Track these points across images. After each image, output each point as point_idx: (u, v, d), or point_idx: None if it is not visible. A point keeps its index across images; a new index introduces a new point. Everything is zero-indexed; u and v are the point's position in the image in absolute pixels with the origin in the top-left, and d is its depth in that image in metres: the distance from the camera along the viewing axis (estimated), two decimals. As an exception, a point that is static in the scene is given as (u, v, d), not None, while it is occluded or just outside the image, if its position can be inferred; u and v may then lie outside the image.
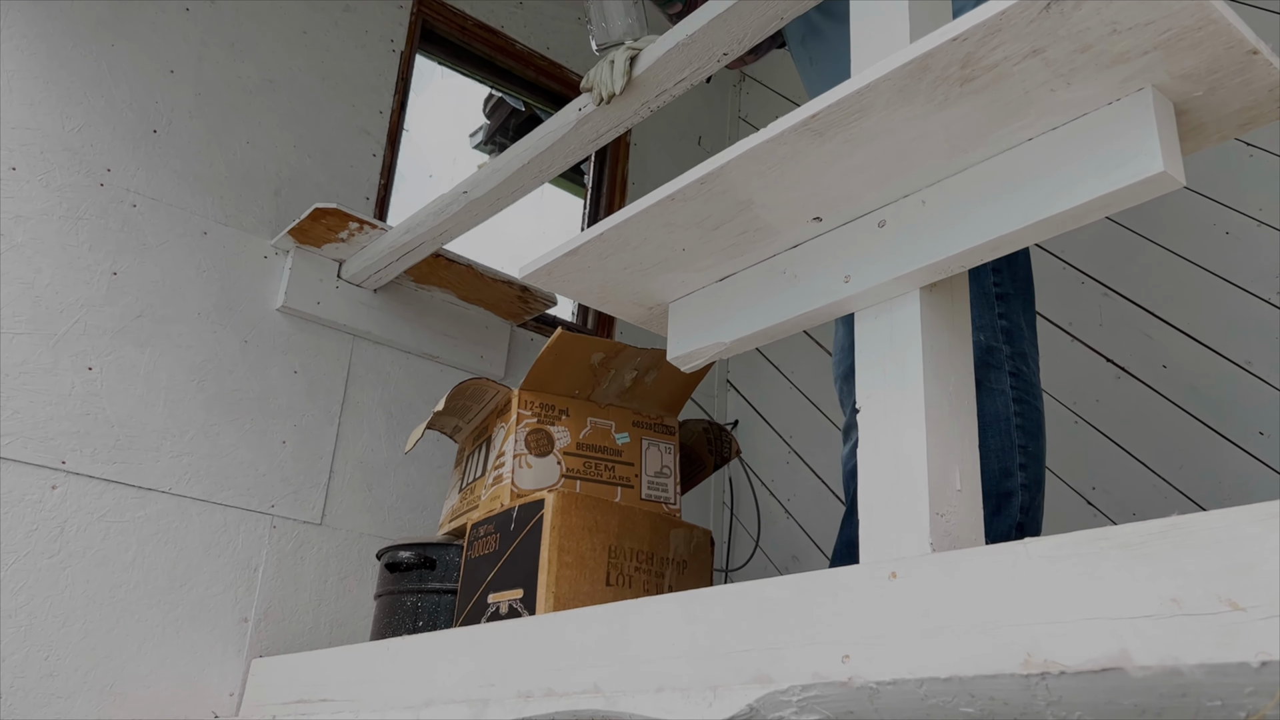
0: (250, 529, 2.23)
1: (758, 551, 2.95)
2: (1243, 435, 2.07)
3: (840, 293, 1.16)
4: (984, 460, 1.45)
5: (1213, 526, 0.75)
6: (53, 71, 2.19)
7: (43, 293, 2.07)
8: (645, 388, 1.88)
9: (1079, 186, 0.95)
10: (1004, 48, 0.90)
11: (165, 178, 2.30)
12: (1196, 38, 0.87)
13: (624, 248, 1.28)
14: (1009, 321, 1.54)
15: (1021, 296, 1.58)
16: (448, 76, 3.14)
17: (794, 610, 0.99)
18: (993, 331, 1.51)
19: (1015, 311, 1.56)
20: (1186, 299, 2.24)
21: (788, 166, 1.09)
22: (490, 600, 1.64)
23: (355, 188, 2.62)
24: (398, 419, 2.54)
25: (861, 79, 0.97)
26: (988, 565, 0.86)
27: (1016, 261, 1.59)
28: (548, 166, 1.98)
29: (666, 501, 1.85)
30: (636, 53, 1.69)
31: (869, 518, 1.07)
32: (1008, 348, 1.53)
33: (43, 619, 1.93)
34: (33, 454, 1.98)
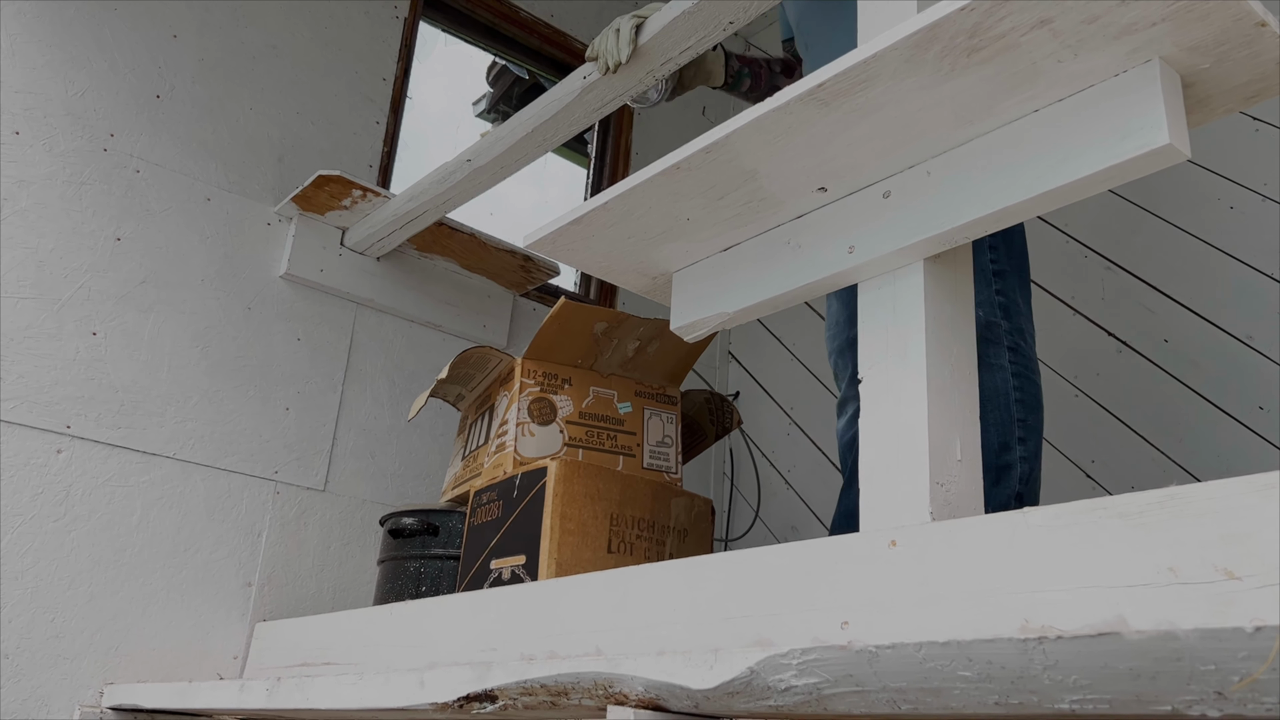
0: (254, 494, 2.24)
1: (757, 522, 2.97)
2: (1243, 410, 2.07)
3: (844, 263, 1.17)
4: (984, 434, 1.46)
5: (1210, 496, 0.75)
6: (56, 35, 2.18)
7: (46, 258, 2.07)
8: (648, 358, 1.88)
9: (1085, 158, 0.95)
10: (1011, 18, 0.90)
11: (168, 143, 2.29)
12: (1204, 9, 0.86)
13: (628, 217, 1.28)
14: (1006, 298, 1.56)
15: (1018, 273, 1.60)
16: (451, 44, 3.12)
17: (794, 577, 1.00)
18: (991, 307, 1.52)
19: (1012, 288, 1.57)
20: (1189, 273, 2.24)
21: (793, 136, 1.09)
22: (493, 566, 1.66)
23: (358, 155, 2.62)
24: (400, 387, 2.55)
25: (868, 48, 0.96)
26: (987, 534, 0.87)
27: (1012, 238, 1.60)
28: (552, 135, 1.98)
29: (668, 471, 1.86)
30: (642, 20, 1.69)
31: (869, 486, 1.08)
32: (1006, 323, 1.54)
33: (49, 582, 1.95)
34: (38, 418, 1.99)
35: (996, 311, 1.54)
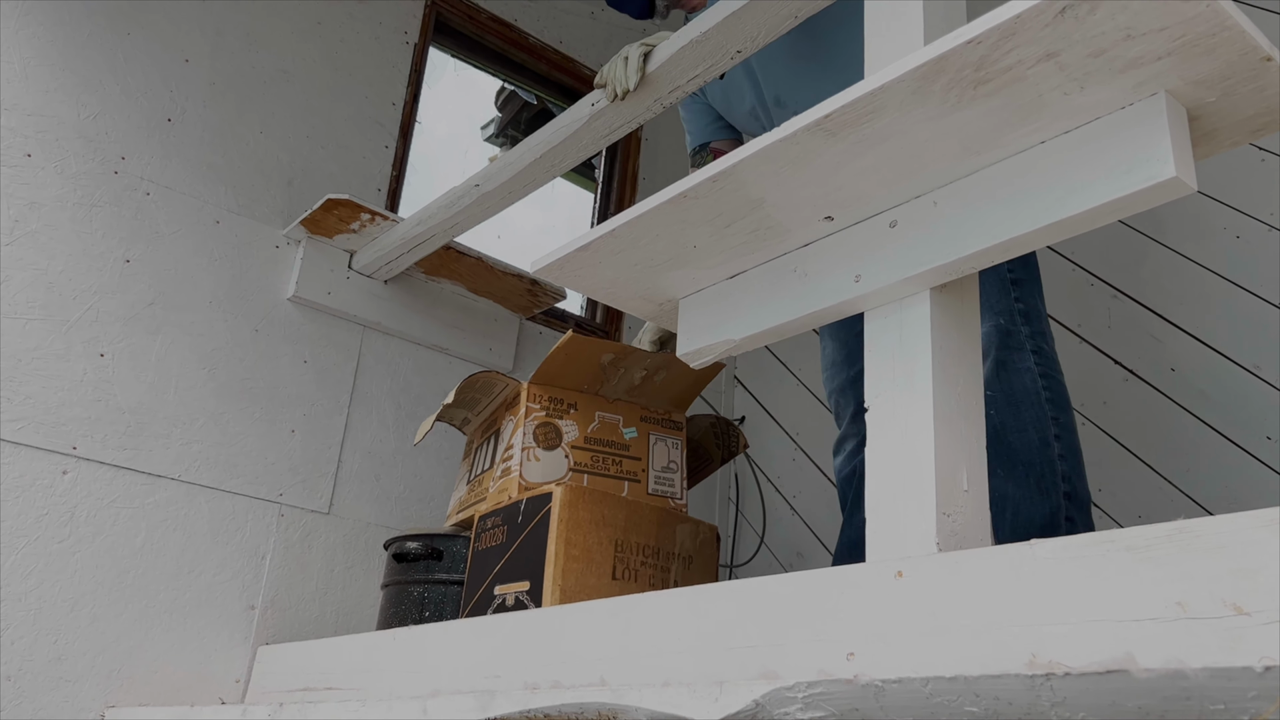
0: (258, 517, 2.24)
1: (763, 548, 2.96)
2: (1250, 440, 2.07)
3: (850, 292, 1.17)
4: (1022, 434, 1.48)
5: (1218, 531, 0.75)
6: (69, 59, 2.20)
7: (56, 279, 2.08)
8: (654, 385, 1.89)
9: (1091, 190, 0.95)
10: (1018, 51, 0.90)
11: (179, 166, 2.31)
12: (1211, 44, 0.87)
13: (635, 244, 1.29)
14: (1025, 304, 1.59)
15: (1033, 281, 1.64)
16: (461, 69, 3.14)
17: (800, 607, 1.00)
18: (1010, 315, 1.55)
19: (1030, 295, 1.60)
20: (1196, 302, 2.24)
21: (800, 166, 1.09)
22: (497, 592, 1.65)
23: (367, 179, 2.63)
24: (406, 410, 2.55)
25: (875, 80, 0.97)
26: (993, 566, 0.87)
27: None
28: (560, 161, 1.99)
29: (673, 496, 1.85)
30: (650, 49, 1.70)
31: (875, 516, 1.08)
32: (1026, 328, 1.57)
33: (52, 603, 1.94)
34: (45, 439, 2.00)
35: (1017, 319, 1.57)
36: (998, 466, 1.48)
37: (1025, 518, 1.46)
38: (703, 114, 2.18)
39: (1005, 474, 1.48)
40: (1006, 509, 1.47)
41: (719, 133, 2.16)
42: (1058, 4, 0.85)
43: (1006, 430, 1.49)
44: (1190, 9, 0.84)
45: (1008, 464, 1.49)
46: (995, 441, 1.48)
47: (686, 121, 2.22)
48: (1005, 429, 1.50)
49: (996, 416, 1.50)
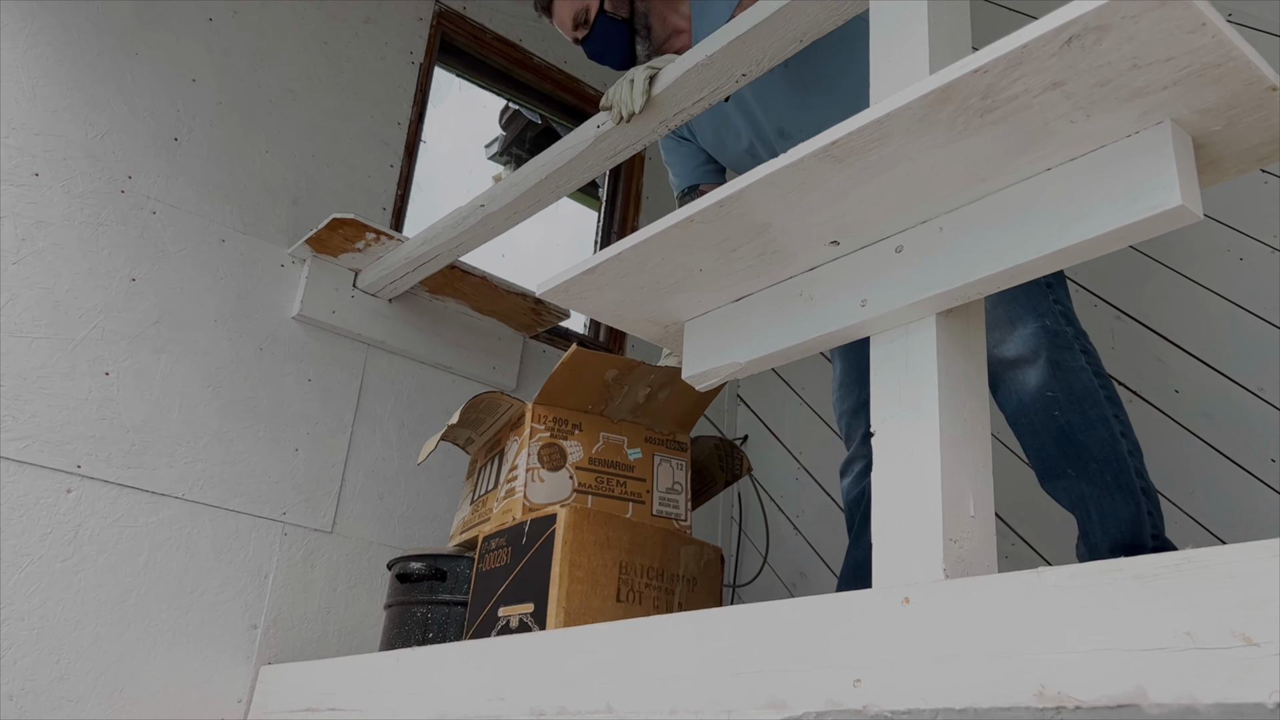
0: (261, 536, 2.24)
1: (766, 567, 2.95)
2: (1255, 462, 2.06)
3: (856, 316, 1.17)
4: (1091, 431, 1.47)
5: (1226, 560, 0.75)
6: (77, 79, 2.22)
7: (62, 298, 2.09)
8: (658, 404, 1.89)
9: (1097, 217, 0.95)
10: (1024, 80, 0.91)
11: (185, 185, 2.32)
12: (1216, 74, 0.87)
13: (642, 267, 1.29)
14: (1062, 305, 1.59)
15: (1064, 284, 1.65)
16: (465, 88, 3.16)
17: (806, 633, 1.00)
18: (1054, 316, 1.55)
19: (1064, 297, 1.60)
20: (1199, 324, 2.24)
21: (806, 191, 1.10)
22: (501, 614, 1.65)
23: (372, 198, 2.64)
24: (410, 428, 2.55)
25: (882, 108, 0.97)
26: (1001, 593, 0.87)
27: None
28: (565, 182, 1.99)
29: (677, 518, 1.85)
30: (656, 72, 1.71)
31: (882, 541, 1.08)
32: (1070, 329, 1.57)
33: (55, 622, 1.94)
34: (49, 458, 2.00)
35: (1060, 319, 1.57)
36: (1068, 467, 1.48)
37: (1112, 516, 1.45)
38: (691, 157, 2.17)
39: (1077, 474, 1.47)
40: (1090, 509, 1.46)
41: (708, 175, 2.15)
42: (1064, 34, 0.86)
43: (1075, 429, 1.48)
44: (1196, 40, 0.84)
45: (1079, 463, 1.47)
46: (1065, 441, 1.48)
47: (672, 165, 2.21)
48: (1073, 428, 1.48)
49: (1062, 417, 1.49)
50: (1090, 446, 1.48)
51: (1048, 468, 1.51)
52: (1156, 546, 1.46)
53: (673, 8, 2.02)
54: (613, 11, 1.98)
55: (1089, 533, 1.47)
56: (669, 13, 2.01)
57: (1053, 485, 1.52)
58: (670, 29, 2.00)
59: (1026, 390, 1.53)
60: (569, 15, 2.02)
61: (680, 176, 2.19)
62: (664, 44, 2.01)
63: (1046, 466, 1.51)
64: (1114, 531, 1.45)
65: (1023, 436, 1.55)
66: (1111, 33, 0.85)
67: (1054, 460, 1.50)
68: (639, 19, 1.99)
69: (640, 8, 2.00)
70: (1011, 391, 1.55)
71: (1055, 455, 1.50)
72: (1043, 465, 1.52)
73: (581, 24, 2.01)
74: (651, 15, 2.00)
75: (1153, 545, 1.46)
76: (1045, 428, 1.50)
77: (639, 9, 2.00)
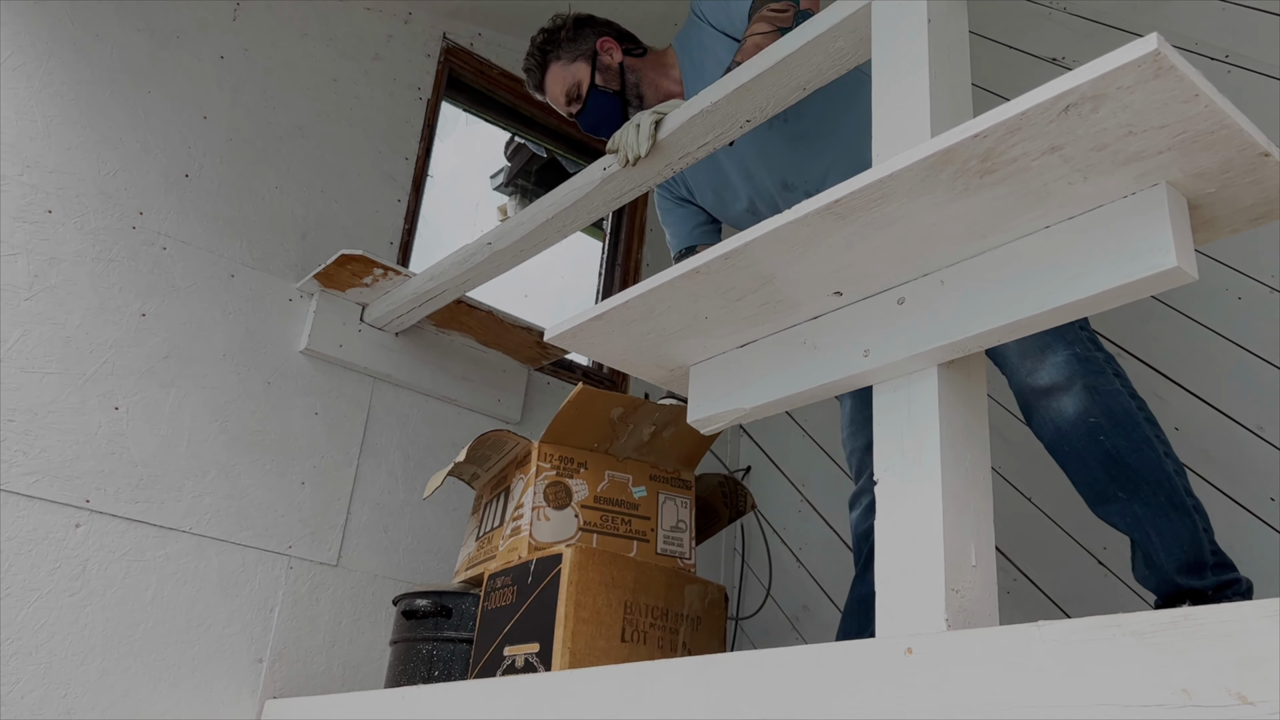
0: (267, 569, 2.25)
1: (769, 600, 2.96)
2: (1255, 501, 2.08)
3: (859, 366, 1.19)
4: (1137, 452, 1.48)
5: (1223, 619, 0.77)
6: (90, 117, 2.25)
7: (73, 333, 2.11)
8: (663, 442, 1.90)
9: (1094, 276, 0.98)
10: (1023, 144, 0.93)
11: (195, 221, 2.35)
12: (1210, 140, 0.90)
13: (648, 315, 1.31)
14: (1088, 331, 1.60)
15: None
16: (472, 123, 3.20)
17: (810, 681, 1.01)
18: (1083, 343, 1.56)
19: (1087, 322, 1.61)
20: (1199, 362, 2.26)
21: (810, 246, 1.12)
22: (506, 653, 1.66)
23: (380, 232, 2.67)
24: (415, 461, 2.57)
25: (884, 168, 1.00)
26: (1002, 646, 0.88)
27: None
28: (570, 221, 2.02)
29: (681, 556, 1.87)
30: (661, 117, 1.74)
31: (885, 590, 1.09)
32: (1100, 353, 1.58)
33: (62, 657, 1.95)
34: (58, 492, 2.02)
35: (1089, 345, 1.57)
36: (1119, 491, 1.48)
37: (1172, 536, 1.45)
38: (690, 217, 2.19)
39: (1129, 496, 1.47)
40: (1149, 531, 1.46)
41: (705, 236, 2.18)
42: (1061, 103, 0.88)
43: (1122, 453, 1.48)
44: (1189, 109, 0.87)
45: (1131, 486, 1.47)
46: (1113, 465, 1.48)
47: (669, 225, 2.22)
48: (1120, 451, 1.48)
49: (1107, 441, 1.49)
50: (1139, 469, 1.48)
51: (1097, 493, 1.51)
52: (1217, 561, 1.47)
53: (663, 73, 2.05)
54: (604, 85, 2.02)
55: (1152, 555, 1.47)
56: (660, 78, 2.05)
57: (1105, 510, 1.52)
58: (662, 94, 2.04)
59: (1065, 417, 1.53)
60: (561, 91, 2.06)
61: (678, 237, 2.20)
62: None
63: (1096, 492, 1.51)
64: (1177, 552, 1.45)
65: (1067, 464, 1.55)
66: (1107, 102, 0.87)
67: (1103, 485, 1.50)
68: (630, 90, 2.03)
69: (631, 79, 2.03)
70: (1048, 420, 1.55)
71: (1104, 480, 1.50)
72: (1092, 491, 1.52)
73: (575, 99, 2.05)
74: (643, 84, 2.04)
75: (1213, 560, 1.47)
76: (1091, 453, 1.50)
77: (629, 80, 2.03)
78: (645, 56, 2.09)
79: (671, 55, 2.08)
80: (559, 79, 2.05)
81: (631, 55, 2.07)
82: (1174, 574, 1.45)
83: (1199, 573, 1.45)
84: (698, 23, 2.01)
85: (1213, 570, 1.45)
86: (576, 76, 2.04)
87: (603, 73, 2.03)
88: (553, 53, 2.07)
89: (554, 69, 2.06)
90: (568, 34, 2.07)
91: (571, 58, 2.05)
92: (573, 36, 2.06)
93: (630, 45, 2.09)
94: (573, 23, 2.08)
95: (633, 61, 2.06)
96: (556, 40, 2.07)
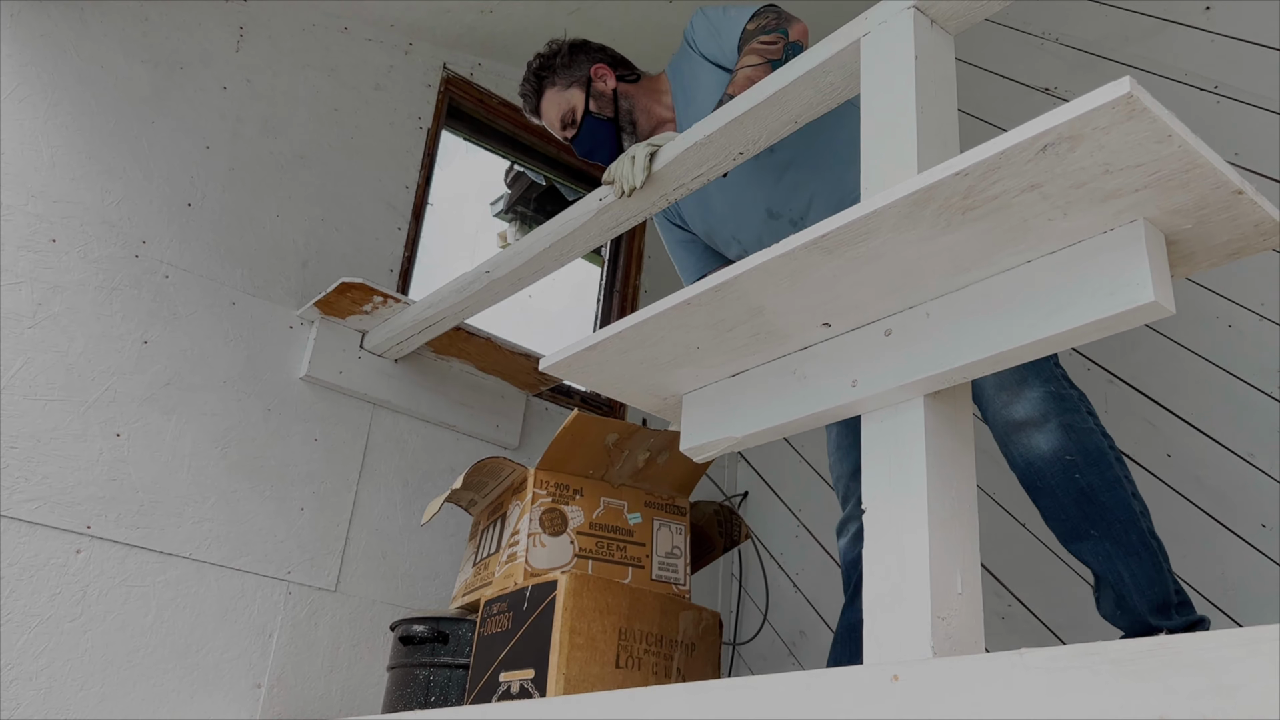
0: (266, 595, 2.27)
1: (766, 625, 2.97)
2: (1246, 527, 2.09)
3: (847, 396, 1.21)
4: (1111, 491, 1.50)
5: (1199, 647, 0.78)
6: (94, 147, 2.28)
7: (75, 361, 2.14)
8: (658, 468, 1.92)
9: (1074, 309, 1.00)
10: (1003, 182, 0.96)
11: (197, 249, 2.38)
12: (1185, 179, 0.92)
13: (641, 345, 1.34)
14: (1062, 369, 1.62)
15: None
16: (472, 151, 3.23)
17: (800, 707, 1.03)
18: (1057, 380, 1.58)
19: (1060, 360, 1.63)
20: (1190, 390, 2.28)
21: (798, 279, 1.15)
22: (502, 679, 1.67)
23: (380, 260, 2.70)
24: (414, 487, 2.59)
25: (869, 205, 1.02)
26: (986, 673, 0.90)
27: None
28: (568, 250, 2.05)
29: (676, 583, 1.88)
30: (656, 149, 1.77)
31: (872, 617, 1.11)
32: (1074, 391, 1.60)
33: (62, 682, 1.96)
34: (60, 519, 2.04)
35: (1063, 383, 1.60)
36: (1091, 528, 1.50)
37: (1144, 576, 1.47)
38: (694, 250, 2.20)
39: (1101, 534, 1.49)
40: (1121, 570, 1.48)
41: (713, 262, 2.19)
42: (1039, 143, 0.91)
43: (1096, 491, 1.50)
44: (1164, 149, 0.89)
45: (1103, 524, 1.49)
46: (1087, 503, 1.50)
47: (678, 259, 2.24)
48: (1095, 490, 1.50)
49: (1083, 479, 1.50)
50: (1112, 507, 1.50)
51: (1071, 529, 1.53)
52: (1180, 600, 1.49)
53: (655, 100, 2.09)
54: (598, 112, 2.06)
55: (1125, 595, 1.49)
56: (653, 104, 2.09)
57: (1078, 546, 1.53)
58: (655, 120, 2.08)
59: (1039, 453, 1.55)
60: (557, 116, 2.10)
61: (686, 270, 2.22)
62: (650, 136, 2.08)
63: (1069, 528, 1.53)
64: (1149, 592, 1.47)
65: (1040, 498, 1.56)
66: (1084, 142, 0.90)
67: (1076, 522, 1.52)
68: (623, 116, 2.07)
69: (624, 105, 2.07)
70: (1021, 454, 1.57)
71: (1077, 517, 1.52)
72: (1065, 527, 1.54)
73: (569, 124, 2.08)
74: (636, 111, 2.07)
75: (1176, 600, 1.48)
76: (1065, 490, 1.52)
77: (623, 107, 2.07)
78: (639, 83, 2.13)
79: (664, 81, 2.12)
80: (554, 104, 2.09)
81: (625, 81, 2.11)
82: (1147, 614, 1.46)
83: (1166, 613, 1.47)
84: (689, 52, 2.05)
85: (1177, 610, 1.48)
86: (571, 103, 2.07)
87: (596, 99, 2.07)
88: (548, 78, 2.11)
89: (549, 94, 2.10)
90: (563, 60, 2.10)
91: (566, 84, 2.09)
92: (567, 63, 2.10)
93: (624, 71, 2.13)
94: (568, 49, 2.12)
95: (626, 88, 2.10)
96: (551, 66, 2.11)
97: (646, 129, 2.07)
